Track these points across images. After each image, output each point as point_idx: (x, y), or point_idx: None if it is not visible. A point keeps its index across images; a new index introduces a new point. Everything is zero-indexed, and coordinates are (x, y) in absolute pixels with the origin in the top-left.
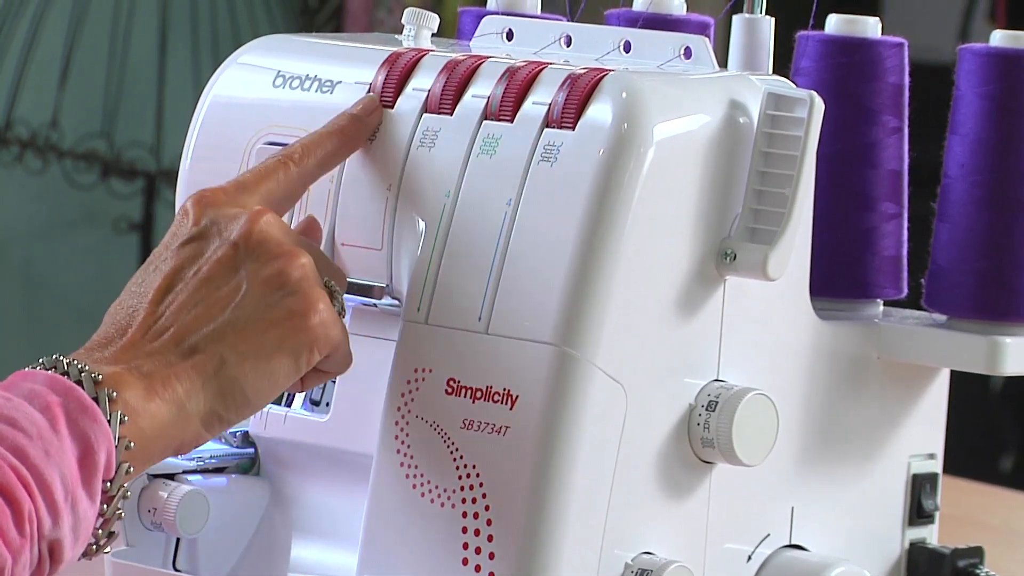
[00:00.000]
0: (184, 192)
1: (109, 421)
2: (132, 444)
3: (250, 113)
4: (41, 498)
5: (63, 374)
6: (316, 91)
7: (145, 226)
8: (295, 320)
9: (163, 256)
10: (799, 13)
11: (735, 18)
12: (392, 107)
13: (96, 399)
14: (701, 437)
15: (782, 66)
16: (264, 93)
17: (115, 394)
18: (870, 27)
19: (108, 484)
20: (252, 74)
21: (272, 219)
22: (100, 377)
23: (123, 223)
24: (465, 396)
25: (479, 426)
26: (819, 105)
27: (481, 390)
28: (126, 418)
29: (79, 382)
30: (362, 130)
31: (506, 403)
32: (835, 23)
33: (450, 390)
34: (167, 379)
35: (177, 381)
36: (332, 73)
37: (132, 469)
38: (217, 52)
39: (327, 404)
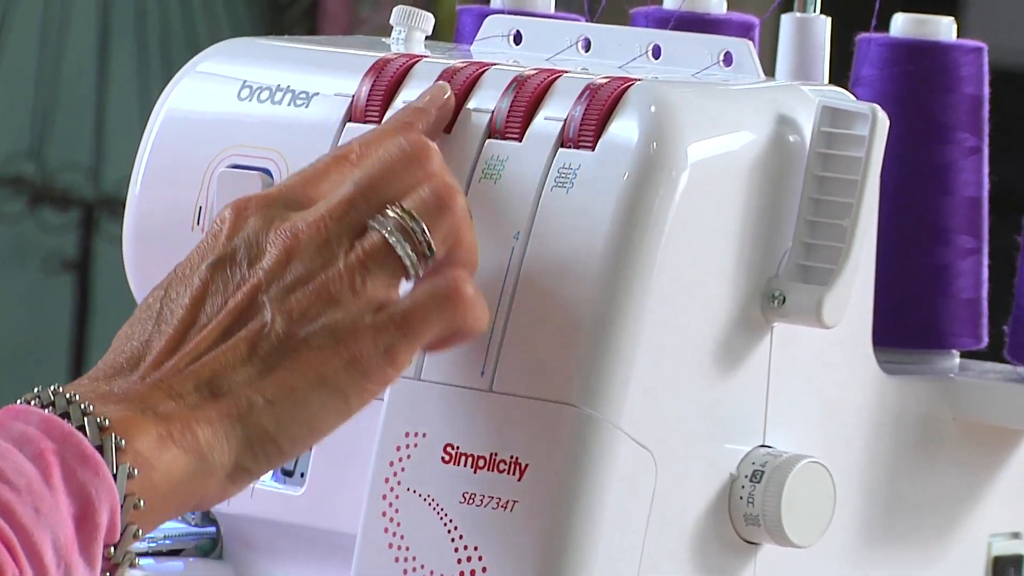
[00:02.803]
0: (133, 225)
1: (115, 475)
2: (142, 502)
3: (211, 130)
4: (28, 563)
5: (63, 415)
6: (289, 104)
7: (82, 265)
8: (331, 356)
9: (188, 277)
10: (860, 12)
11: (784, 18)
12: (379, 123)
13: (100, 448)
14: (744, 513)
15: (840, 75)
16: (227, 107)
17: (124, 442)
18: (943, 28)
19: (111, 549)
20: (213, 84)
21: (311, 234)
22: (107, 422)
23: (56, 261)
24: (465, 465)
25: (482, 500)
26: (883, 121)
27: (484, 458)
28: (136, 471)
29: (81, 427)
30: (431, 126)
31: (514, 473)
32: (902, 23)
33: (448, 458)
34: (187, 423)
35: (198, 426)
36: (307, 83)
37: (141, 532)
38: (169, 57)
39: (301, 475)
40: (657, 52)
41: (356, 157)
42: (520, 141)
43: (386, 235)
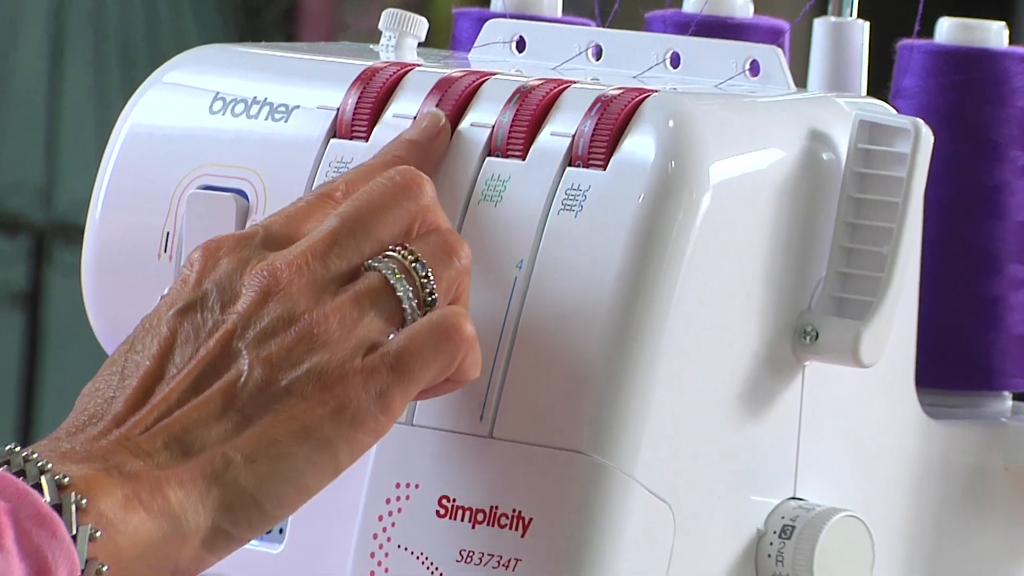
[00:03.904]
0: (94, 254)
1: (76, 537)
2: (105, 568)
3: (180, 148)
4: None
5: (18, 472)
6: (266, 118)
7: (33, 298)
8: (316, 405)
9: (155, 327)
10: (901, 16)
11: (817, 22)
12: (367, 140)
13: (59, 507)
14: (773, 573)
15: (879, 85)
16: (198, 121)
17: (85, 501)
18: (993, 34)
19: None
20: (182, 96)
21: (291, 272)
22: (67, 480)
23: (2, 294)
24: (463, 519)
25: (481, 558)
26: (927, 137)
27: (483, 511)
28: (99, 533)
29: (38, 485)
30: (425, 159)
31: (516, 528)
32: (948, 29)
33: (443, 511)
34: (156, 484)
35: (169, 487)
36: (287, 95)
37: None
38: (129, 66)
39: (280, 531)
40: (676, 60)
41: (342, 195)
42: (523, 159)
43: (387, 274)
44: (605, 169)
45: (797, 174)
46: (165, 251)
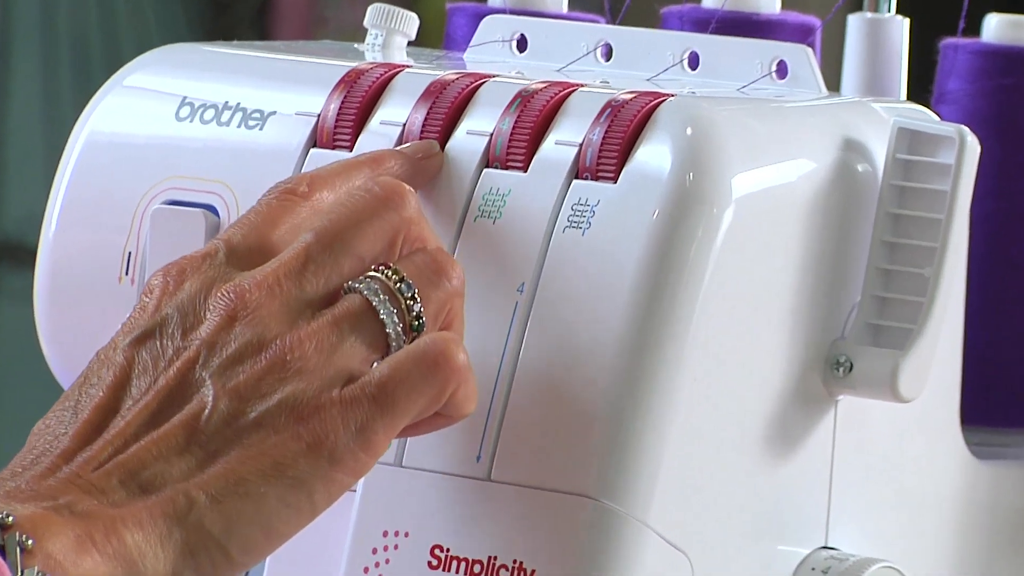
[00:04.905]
0: (48, 276)
1: None
2: None
3: (143, 158)
4: None
5: None
6: (239, 126)
7: None
8: (289, 439)
9: (110, 358)
10: (944, 12)
11: (851, 19)
12: (350, 149)
13: (2, 549)
14: None
15: (920, 89)
16: (163, 129)
17: (31, 542)
18: None
19: None
20: (146, 101)
21: (261, 294)
22: (11, 519)
23: None
24: (458, 571)
25: None
26: (973, 146)
27: (481, 563)
28: None
29: None
30: (410, 175)
31: None
32: (996, 27)
33: (436, 562)
34: (111, 524)
35: (125, 528)
36: (262, 100)
37: None
38: (84, 68)
39: None
40: (694, 61)
41: (307, 189)
42: (525, 171)
43: (369, 296)
44: (616, 182)
45: (829, 187)
46: (127, 273)
